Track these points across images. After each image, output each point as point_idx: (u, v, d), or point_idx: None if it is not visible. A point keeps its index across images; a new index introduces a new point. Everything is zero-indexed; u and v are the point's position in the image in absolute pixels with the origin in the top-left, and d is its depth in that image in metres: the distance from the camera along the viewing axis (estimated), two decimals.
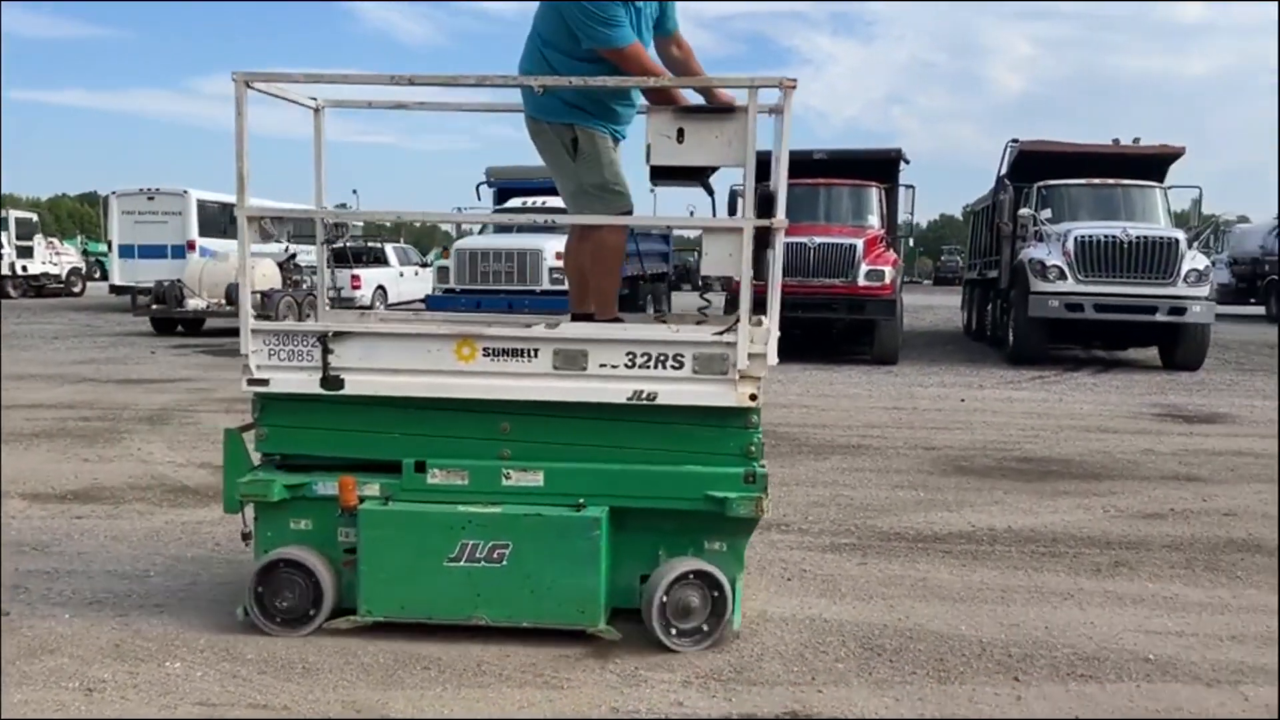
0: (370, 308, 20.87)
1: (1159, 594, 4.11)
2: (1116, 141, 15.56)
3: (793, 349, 11.28)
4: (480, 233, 15.19)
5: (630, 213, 4.00)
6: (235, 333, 3.67)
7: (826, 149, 15.04)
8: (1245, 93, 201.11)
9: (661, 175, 3.79)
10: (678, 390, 3.44)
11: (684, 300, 30.07)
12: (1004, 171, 15.41)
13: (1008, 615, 3.83)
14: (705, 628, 3.44)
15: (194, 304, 16.84)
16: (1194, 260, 12.62)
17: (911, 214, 15.64)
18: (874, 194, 14.39)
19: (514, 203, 15.48)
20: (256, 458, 3.72)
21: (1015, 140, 15.09)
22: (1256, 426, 8.62)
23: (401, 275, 22.71)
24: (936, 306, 26.65)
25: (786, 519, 5.15)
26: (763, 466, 3.49)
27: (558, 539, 3.43)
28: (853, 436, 7.73)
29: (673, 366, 3.44)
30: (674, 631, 3.43)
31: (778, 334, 3.47)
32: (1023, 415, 9.00)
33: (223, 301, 16.76)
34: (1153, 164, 14.92)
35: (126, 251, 22.37)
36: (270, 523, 3.62)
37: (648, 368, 3.45)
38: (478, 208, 16.15)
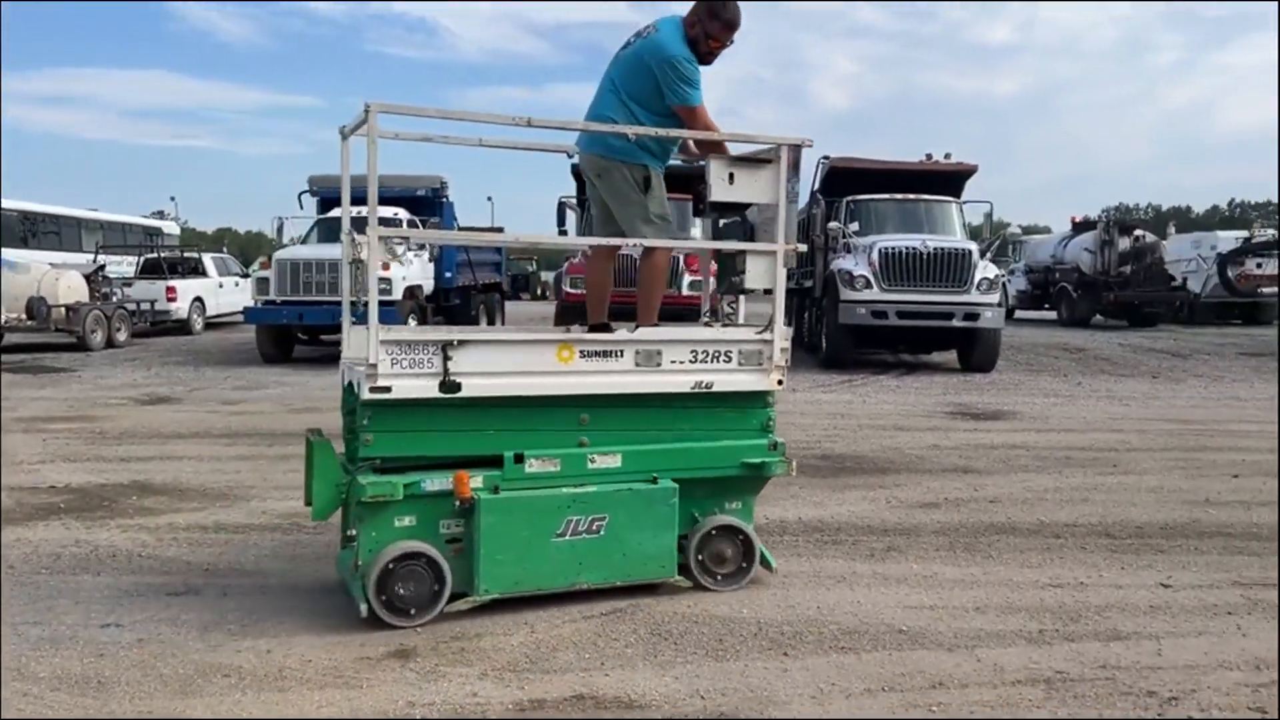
0: (186, 320, 20.08)
1: (921, 573, 4.57)
2: (929, 157, 16.60)
3: None
4: (303, 242, 14.90)
5: (676, 238, 4.51)
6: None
7: None
8: (1047, 112, 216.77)
9: (715, 209, 4.48)
10: (727, 379, 4.25)
11: (521, 309, 30.17)
12: (816, 186, 16.25)
13: (786, 598, 4.19)
14: (736, 571, 4.27)
15: None
16: (985, 270, 13.68)
17: None
18: (692, 208, 14.90)
19: (338, 212, 15.23)
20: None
21: (826, 157, 15.93)
22: (1034, 422, 9.49)
23: (221, 286, 21.89)
24: (765, 315, 27.64)
25: None
26: (780, 437, 4.32)
27: (645, 508, 4.07)
28: None
29: (724, 360, 4.26)
30: (718, 577, 4.24)
31: (791, 333, 4.12)
32: (828, 416, 9.59)
33: (23, 316, 15.79)
34: (950, 180, 16.04)
35: None
36: (374, 523, 3.84)
37: (705, 362, 4.23)
38: (300, 217, 15.82)
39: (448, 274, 15.51)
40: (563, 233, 14.66)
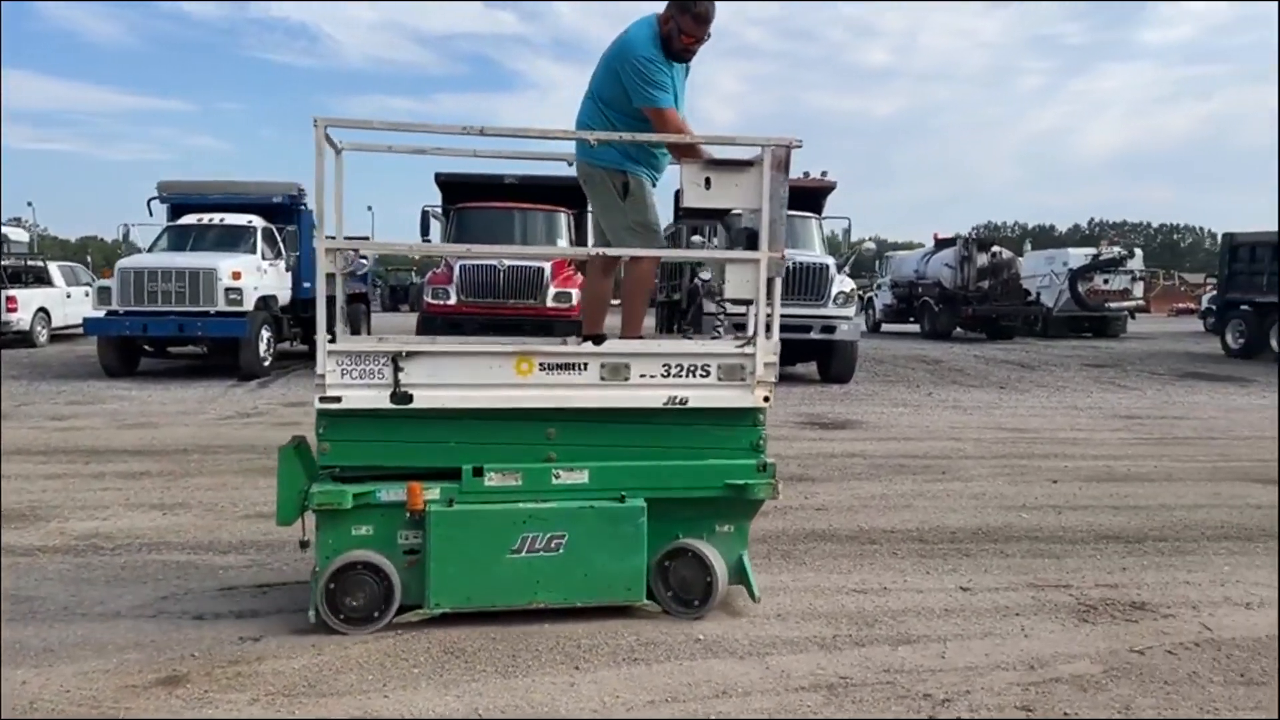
0: (29, 332, 19.03)
1: None
2: (806, 174, 16.91)
3: None
4: (150, 250, 14.28)
5: (663, 247, 4.50)
6: None
7: (517, 174, 15.34)
8: (925, 132, 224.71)
9: (691, 214, 4.17)
10: (705, 395, 4.04)
11: (391, 321, 29.56)
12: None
13: (590, 611, 4.12)
14: (697, 601, 4.06)
15: None
16: (842, 283, 14.02)
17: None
18: (563, 219, 14.88)
19: (189, 219, 14.66)
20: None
21: None
22: (877, 431, 9.73)
23: (69, 296, 20.77)
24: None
25: None
26: (770, 457, 4.12)
27: (607, 527, 3.93)
28: None
29: (701, 375, 4.04)
30: (670, 595, 4.07)
31: (780, 347, 4.13)
32: None
33: None
34: (812, 196, 16.37)
35: None
36: (332, 530, 3.83)
37: (680, 376, 4.02)
38: (148, 224, 15.14)
39: (306, 284, 15.03)
40: (426, 241, 14.44)
